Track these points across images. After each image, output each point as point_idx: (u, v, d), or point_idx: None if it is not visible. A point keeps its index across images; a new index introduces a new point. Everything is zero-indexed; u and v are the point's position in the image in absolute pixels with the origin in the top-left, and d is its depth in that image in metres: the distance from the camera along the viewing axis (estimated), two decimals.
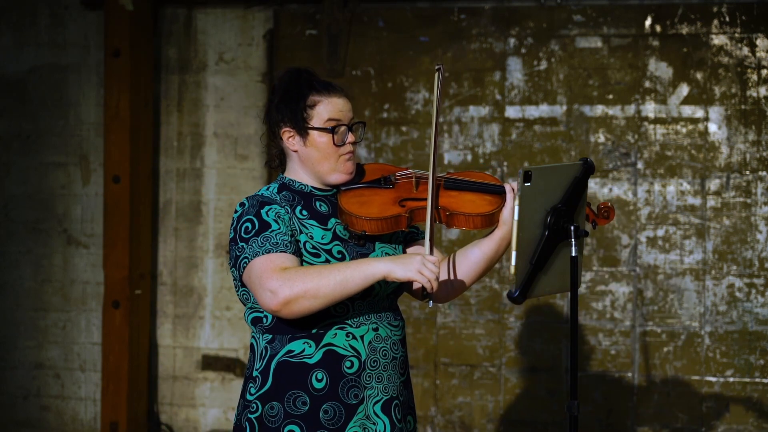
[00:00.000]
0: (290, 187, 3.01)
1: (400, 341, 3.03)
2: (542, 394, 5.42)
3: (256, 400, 2.92)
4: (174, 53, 5.77)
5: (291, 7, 5.65)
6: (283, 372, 2.90)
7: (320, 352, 2.89)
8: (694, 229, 5.34)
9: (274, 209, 2.91)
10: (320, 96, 2.98)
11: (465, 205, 3.01)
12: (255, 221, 2.88)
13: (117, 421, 5.55)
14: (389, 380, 2.98)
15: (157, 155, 5.79)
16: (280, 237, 2.85)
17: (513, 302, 2.93)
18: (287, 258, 2.82)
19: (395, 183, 3.05)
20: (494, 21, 5.49)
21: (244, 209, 2.93)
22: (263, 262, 2.80)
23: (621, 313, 5.38)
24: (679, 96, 5.36)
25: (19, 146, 5.84)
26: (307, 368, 2.89)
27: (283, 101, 2.98)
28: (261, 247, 2.83)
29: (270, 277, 2.76)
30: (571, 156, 5.41)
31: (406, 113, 5.54)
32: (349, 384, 2.90)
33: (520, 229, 2.85)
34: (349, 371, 2.91)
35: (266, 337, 2.94)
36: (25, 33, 5.85)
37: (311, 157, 2.98)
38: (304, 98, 2.97)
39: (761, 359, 5.27)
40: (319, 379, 2.89)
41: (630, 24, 5.39)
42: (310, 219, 2.95)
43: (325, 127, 2.96)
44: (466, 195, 3.05)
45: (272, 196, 2.96)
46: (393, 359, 2.99)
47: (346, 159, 2.99)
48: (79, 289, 5.81)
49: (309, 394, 2.88)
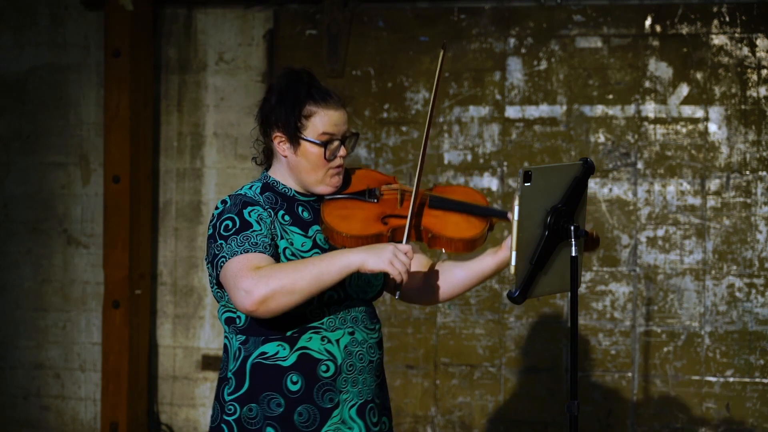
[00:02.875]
0: (274, 188, 2.97)
1: (377, 344, 3.00)
2: (542, 394, 5.42)
3: (233, 402, 2.88)
4: (174, 53, 5.77)
5: (291, 7, 5.65)
6: (258, 374, 2.86)
7: (294, 355, 2.86)
8: (694, 229, 5.34)
9: (257, 210, 2.87)
10: (317, 107, 2.92)
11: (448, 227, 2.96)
12: (236, 220, 2.84)
13: (117, 421, 5.55)
14: (365, 384, 2.94)
15: (157, 155, 5.79)
16: (260, 238, 2.81)
17: (513, 302, 2.93)
18: (264, 258, 2.78)
19: (379, 197, 2.98)
20: (494, 21, 5.49)
21: (226, 207, 2.88)
22: (240, 261, 2.76)
23: (621, 313, 5.38)
24: (679, 96, 5.36)
25: (19, 146, 5.84)
26: (281, 371, 2.86)
27: (279, 105, 2.93)
28: (240, 246, 2.79)
29: (245, 276, 2.72)
30: (571, 156, 5.41)
31: (406, 113, 5.54)
32: (324, 388, 2.87)
33: (520, 229, 2.84)
34: (325, 375, 2.87)
35: (240, 338, 2.90)
36: (25, 33, 5.85)
37: (300, 166, 2.93)
38: (300, 106, 2.91)
39: (761, 359, 5.27)
40: (294, 382, 2.85)
41: (630, 24, 5.39)
42: (292, 225, 2.91)
43: (317, 141, 2.91)
44: (450, 216, 2.99)
45: (255, 197, 2.91)
46: (369, 363, 2.96)
47: (334, 173, 2.95)
48: (79, 289, 5.81)
49: (284, 396, 2.85)
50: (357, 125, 5.56)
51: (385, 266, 2.75)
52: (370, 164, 5.55)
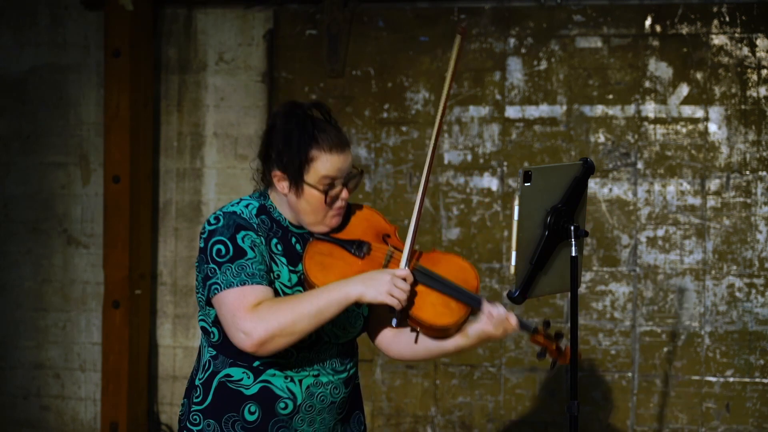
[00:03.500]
0: (270, 213, 2.88)
1: (344, 382, 2.92)
2: (542, 394, 5.42)
3: (198, 413, 2.86)
4: (174, 53, 5.76)
5: (291, 7, 5.65)
6: (222, 393, 2.84)
7: (257, 387, 2.82)
8: (694, 229, 5.34)
9: (250, 236, 2.78)
10: (320, 151, 2.81)
11: (425, 308, 2.80)
12: (229, 246, 2.75)
13: (117, 421, 5.55)
14: (321, 423, 2.88)
15: (157, 155, 5.79)
16: (256, 267, 2.74)
17: (513, 302, 2.93)
18: (262, 291, 2.71)
19: (366, 254, 2.85)
20: (494, 21, 5.49)
21: (218, 227, 2.79)
22: (236, 297, 2.70)
23: (621, 313, 5.38)
24: (679, 96, 5.36)
25: (19, 146, 5.84)
26: (242, 398, 2.82)
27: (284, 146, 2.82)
28: (236, 277, 2.71)
29: (243, 317, 2.67)
30: (571, 156, 5.40)
31: (406, 113, 5.54)
32: (279, 424, 2.83)
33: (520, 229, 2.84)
34: (283, 412, 2.83)
35: (211, 351, 2.87)
36: (25, 33, 5.84)
37: (299, 207, 2.84)
38: (305, 151, 2.80)
39: (761, 359, 5.27)
40: (251, 412, 2.82)
41: (630, 24, 5.39)
42: (283, 256, 2.84)
43: (317, 186, 2.81)
44: (432, 295, 2.82)
45: (250, 219, 2.82)
46: (331, 403, 2.88)
47: (334, 215, 2.86)
48: (79, 289, 5.81)
49: (241, 423, 2.82)
50: (357, 125, 5.56)
51: (384, 297, 2.70)
52: (370, 164, 5.55)
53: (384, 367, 5.54)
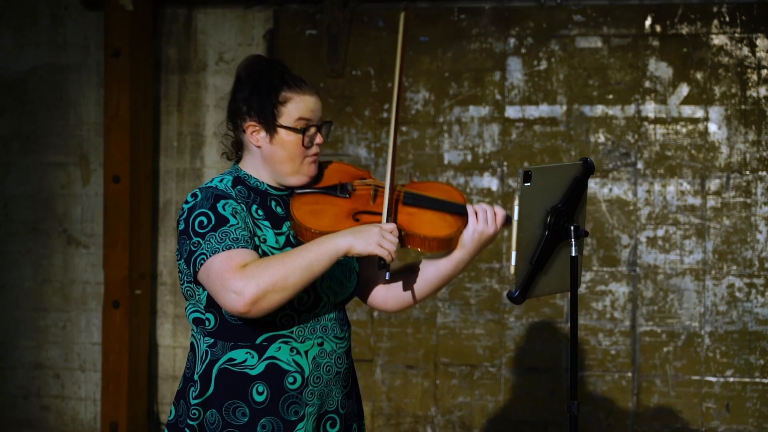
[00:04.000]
0: (245, 182, 2.86)
1: (345, 353, 2.92)
2: (542, 394, 5.42)
3: (198, 406, 2.81)
4: (174, 53, 5.77)
5: (291, 7, 5.65)
6: (224, 380, 2.79)
7: (263, 365, 2.78)
8: (694, 229, 5.34)
9: (231, 204, 2.76)
10: (293, 92, 2.83)
11: (423, 225, 2.86)
12: (211, 215, 2.73)
13: (117, 421, 5.55)
14: (329, 396, 2.87)
15: (157, 155, 5.79)
16: (240, 232, 2.71)
17: (513, 302, 2.93)
18: (248, 254, 2.68)
19: (352, 193, 2.90)
20: (494, 21, 5.49)
21: (197, 201, 2.78)
22: (223, 260, 2.67)
23: (621, 313, 5.38)
24: (679, 96, 5.36)
25: (19, 146, 5.85)
26: (248, 379, 2.78)
27: (253, 93, 2.82)
28: (220, 243, 2.69)
29: (232, 277, 2.64)
30: (571, 156, 5.41)
31: (406, 113, 5.54)
32: (290, 400, 2.80)
33: (520, 229, 2.84)
34: (292, 387, 2.80)
35: (207, 341, 2.82)
36: (25, 33, 5.85)
37: (275, 155, 2.84)
38: (276, 93, 2.81)
39: (761, 359, 5.27)
40: (260, 392, 2.78)
41: (630, 24, 5.39)
42: (265, 220, 2.82)
43: (294, 127, 2.82)
44: (426, 213, 2.89)
45: (227, 190, 2.81)
46: (336, 374, 2.87)
47: (310, 161, 2.86)
48: (79, 289, 5.81)
49: (249, 406, 2.78)
50: (357, 125, 5.56)
51: (374, 248, 2.69)
52: (370, 164, 5.55)
53: (384, 367, 5.54)
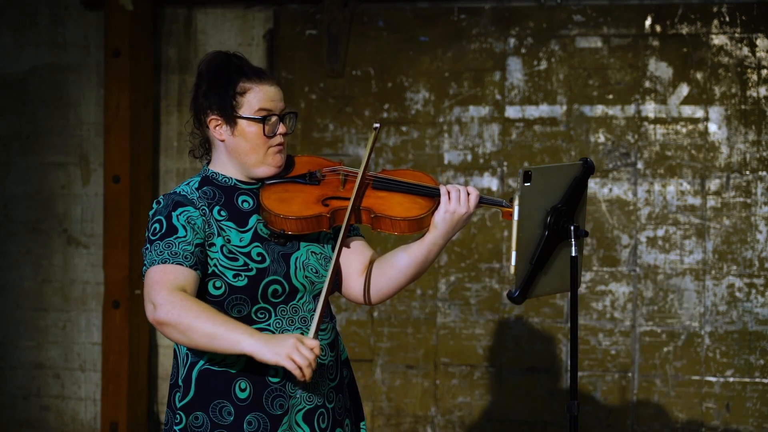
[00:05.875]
0: (213, 181, 2.86)
1: (329, 345, 2.88)
2: (542, 394, 5.42)
3: (180, 411, 2.80)
4: (174, 53, 5.77)
5: (291, 7, 5.65)
6: (206, 381, 2.78)
7: (243, 360, 2.75)
8: (694, 229, 5.34)
9: (187, 212, 2.77)
10: (251, 83, 2.83)
11: (393, 207, 2.86)
12: (164, 223, 2.76)
13: (117, 421, 5.56)
14: (315, 388, 2.83)
15: (157, 155, 5.79)
16: (183, 246, 2.72)
17: (513, 302, 2.93)
18: (181, 272, 2.69)
19: (320, 179, 2.90)
20: (494, 21, 5.49)
21: (158, 208, 2.80)
22: (157, 272, 2.70)
23: (621, 313, 5.38)
24: (679, 96, 5.36)
25: (19, 146, 5.84)
26: (230, 377, 2.77)
27: (212, 87, 2.83)
28: (159, 255, 2.72)
29: (158, 292, 2.66)
30: (571, 156, 5.41)
31: (406, 113, 5.54)
32: (273, 393, 2.78)
33: (520, 229, 2.84)
34: (273, 380, 2.78)
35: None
36: (25, 33, 5.85)
37: (239, 147, 2.83)
38: (233, 84, 2.82)
39: (761, 359, 5.27)
40: (242, 389, 2.77)
41: (630, 24, 5.39)
42: (228, 220, 2.81)
43: (255, 117, 2.81)
44: (396, 196, 2.89)
45: (190, 195, 2.81)
46: (320, 366, 2.82)
47: (275, 151, 2.84)
48: (79, 289, 5.81)
49: (233, 404, 2.77)
50: (357, 125, 5.56)
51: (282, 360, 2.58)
52: (370, 164, 5.54)
53: (384, 367, 5.54)
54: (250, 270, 2.77)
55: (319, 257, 2.88)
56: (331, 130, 5.57)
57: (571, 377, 2.91)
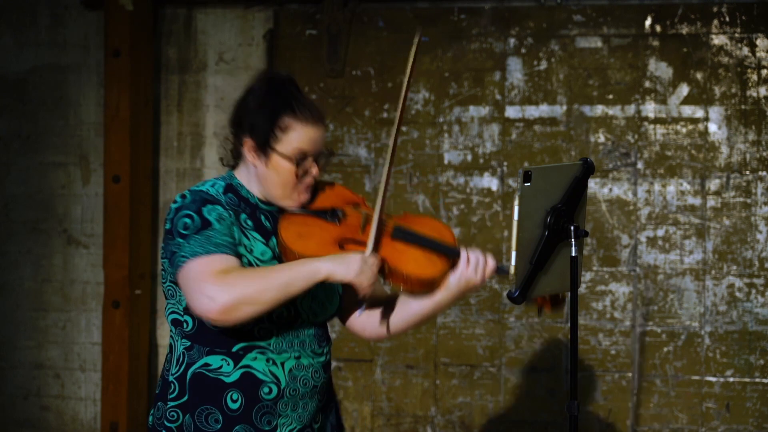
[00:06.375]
0: (237, 191, 2.84)
1: (323, 367, 2.89)
2: (542, 394, 5.42)
3: (176, 409, 2.80)
4: (174, 53, 5.77)
5: (291, 7, 5.65)
6: (199, 385, 2.78)
7: (238, 373, 2.76)
8: (694, 229, 5.34)
9: (216, 210, 2.74)
10: (296, 121, 2.78)
11: (408, 262, 2.80)
12: (195, 217, 2.71)
13: (117, 421, 5.55)
14: (304, 408, 2.83)
15: (157, 155, 5.79)
16: (222, 237, 2.69)
17: (513, 302, 2.92)
18: (228, 260, 2.66)
19: (342, 220, 2.85)
20: (494, 21, 5.49)
21: (184, 202, 2.75)
22: (202, 263, 2.64)
23: (621, 313, 5.38)
24: (679, 96, 5.36)
25: (19, 146, 5.84)
26: (222, 386, 2.76)
27: (258, 112, 2.80)
28: (201, 246, 2.66)
29: (209, 282, 2.60)
30: (571, 156, 5.41)
31: (406, 113, 5.54)
32: (264, 410, 2.78)
33: (520, 229, 2.84)
34: (267, 397, 2.77)
35: (185, 343, 2.82)
36: (25, 33, 5.85)
37: (269, 178, 2.80)
38: (278, 117, 2.78)
39: (761, 359, 5.27)
40: (234, 400, 2.76)
41: (630, 24, 5.39)
42: (254, 230, 2.79)
43: (290, 156, 2.77)
44: (413, 251, 2.83)
45: (217, 195, 2.79)
46: (313, 387, 2.84)
47: (303, 189, 2.82)
48: (79, 289, 5.81)
49: (222, 413, 2.76)
50: (357, 125, 5.56)
51: (353, 277, 2.66)
52: (370, 164, 5.55)
53: (384, 367, 5.54)
54: None
55: (328, 291, 2.88)
56: (331, 130, 5.57)
57: (571, 377, 2.91)
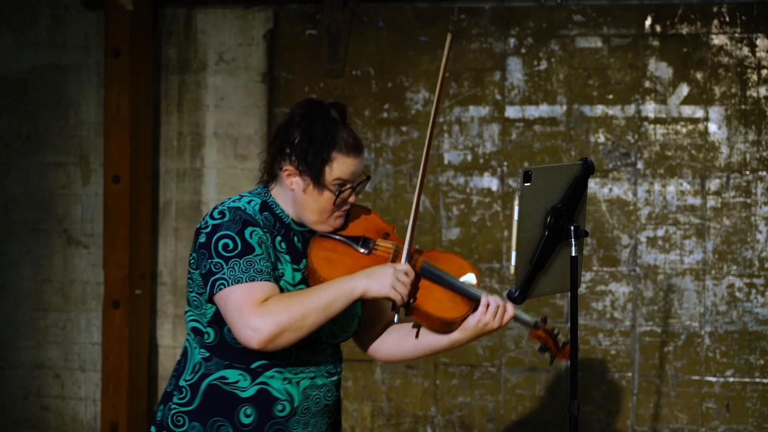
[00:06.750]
0: (272, 210, 2.87)
1: (335, 385, 2.96)
2: (542, 394, 5.42)
3: (182, 414, 2.83)
4: (174, 53, 5.77)
5: (291, 7, 5.65)
6: (213, 396, 2.81)
7: (254, 389, 2.81)
8: (694, 229, 5.34)
9: (257, 233, 2.76)
10: (339, 153, 2.81)
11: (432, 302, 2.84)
12: (237, 241, 2.73)
13: (117, 421, 5.55)
14: (315, 426, 2.89)
15: (157, 155, 5.79)
16: (263, 263, 2.72)
17: (513, 302, 2.93)
18: (269, 288, 2.70)
19: (372, 250, 2.87)
20: (494, 21, 5.49)
21: (224, 221, 2.77)
22: (244, 292, 2.68)
23: (621, 313, 5.38)
24: (679, 96, 5.36)
25: (19, 146, 5.84)
26: (237, 400, 2.81)
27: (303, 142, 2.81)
28: (244, 272, 2.70)
29: (251, 313, 2.65)
30: (571, 156, 5.41)
31: (406, 113, 5.54)
32: (275, 426, 2.82)
33: (520, 229, 2.84)
34: (280, 414, 2.82)
35: (203, 353, 2.84)
36: (25, 33, 5.85)
37: (305, 203, 2.84)
38: (327, 152, 2.80)
39: (761, 359, 5.27)
40: (247, 415, 2.80)
41: (630, 24, 5.39)
42: (287, 254, 2.83)
43: (330, 187, 2.81)
44: (438, 290, 2.87)
45: (255, 215, 2.81)
46: (324, 406, 2.91)
47: (338, 215, 2.87)
48: (79, 289, 5.81)
49: (233, 427, 2.80)
50: (357, 125, 5.55)
51: (388, 291, 2.71)
52: (370, 164, 5.55)
53: (384, 367, 5.54)
54: None
55: (348, 314, 2.91)
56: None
57: (571, 377, 2.91)
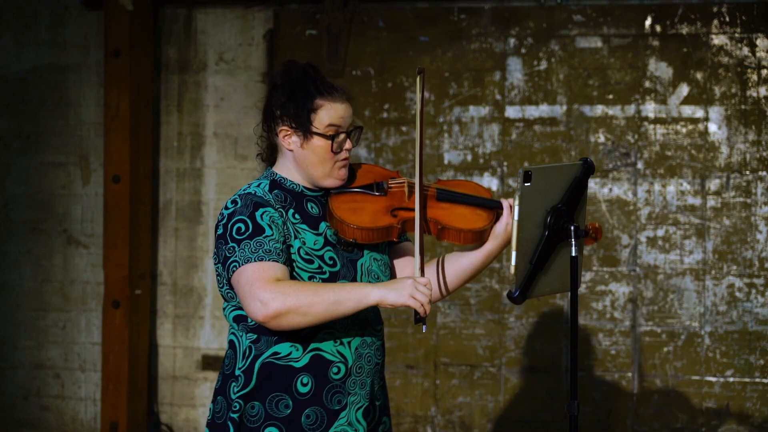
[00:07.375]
0: (281, 185, 2.97)
1: (381, 345, 3.04)
2: (542, 394, 5.42)
3: (238, 399, 2.89)
4: (174, 53, 5.77)
5: (291, 7, 5.65)
6: (268, 373, 2.88)
7: (307, 357, 2.88)
8: (694, 229, 5.34)
9: (269, 213, 2.87)
10: (324, 100, 2.95)
11: (456, 219, 2.99)
12: (249, 223, 2.84)
13: (117, 421, 5.56)
14: (371, 386, 2.98)
15: (157, 155, 5.79)
16: (273, 244, 2.82)
17: (513, 302, 2.94)
18: (279, 268, 2.80)
19: (387, 191, 3.01)
20: (494, 21, 5.49)
21: (237, 208, 2.88)
22: (255, 269, 2.78)
23: (621, 313, 5.38)
24: (679, 96, 5.36)
25: (19, 146, 5.85)
26: (292, 372, 2.88)
27: (288, 100, 2.95)
28: (254, 252, 2.80)
29: (261, 287, 2.75)
30: (571, 156, 5.41)
31: (406, 113, 5.54)
32: (334, 390, 2.90)
33: (520, 229, 2.85)
34: (336, 377, 2.90)
35: (250, 336, 2.91)
36: (25, 33, 5.85)
37: (306, 159, 2.94)
38: (310, 100, 2.94)
39: (761, 359, 5.28)
40: (304, 384, 2.88)
41: (630, 24, 5.39)
42: (303, 223, 2.92)
43: (324, 134, 2.93)
44: (458, 208, 3.02)
45: (265, 196, 2.91)
46: (376, 365, 3.00)
47: (340, 166, 2.97)
48: (79, 289, 5.81)
49: (292, 398, 2.87)
50: None
51: (406, 300, 2.78)
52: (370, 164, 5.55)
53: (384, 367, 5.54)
54: (324, 273, 2.90)
55: (380, 263, 3.01)
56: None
57: (571, 377, 2.91)
